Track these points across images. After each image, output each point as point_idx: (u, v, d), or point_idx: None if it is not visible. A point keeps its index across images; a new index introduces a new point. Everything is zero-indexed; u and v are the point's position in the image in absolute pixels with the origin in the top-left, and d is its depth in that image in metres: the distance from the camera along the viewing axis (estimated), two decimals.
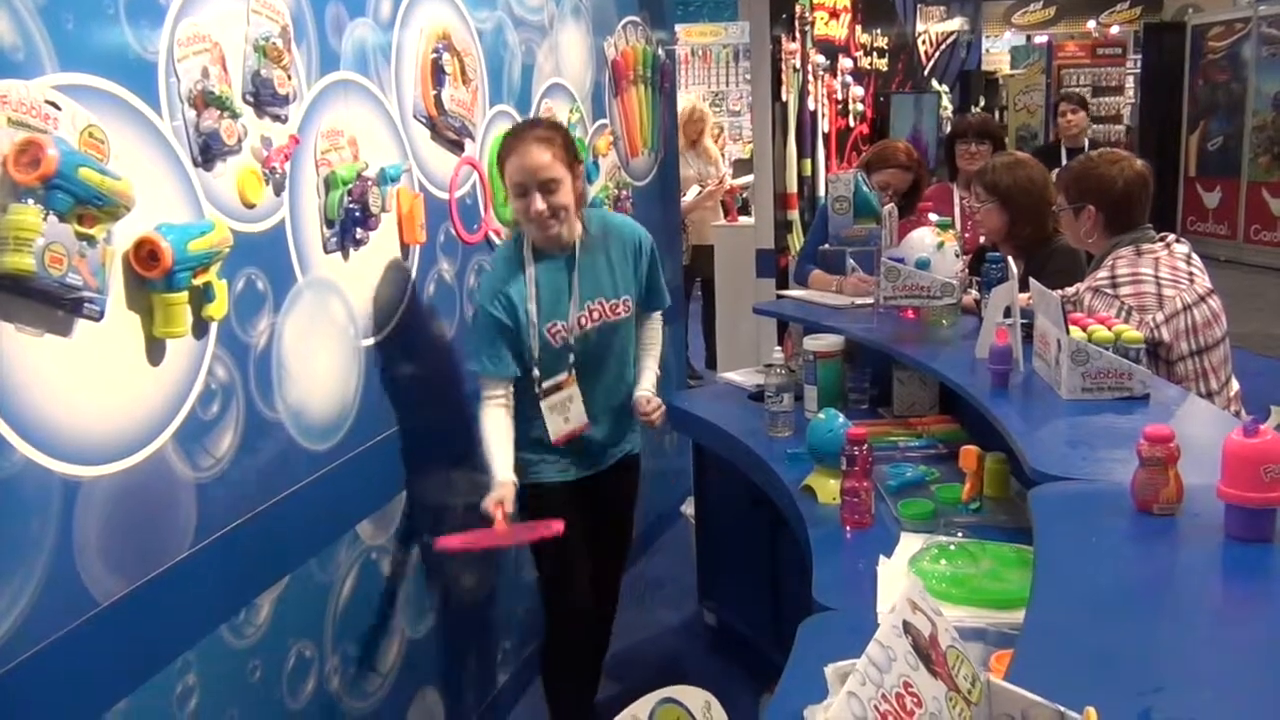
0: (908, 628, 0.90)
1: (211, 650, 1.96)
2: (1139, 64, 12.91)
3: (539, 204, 2.44)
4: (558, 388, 2.60)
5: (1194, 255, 2.67)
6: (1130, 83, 13.52)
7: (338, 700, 2.37)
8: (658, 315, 2.84)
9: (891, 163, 3.78)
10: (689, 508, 4.00)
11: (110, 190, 1.63)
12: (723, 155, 7.04)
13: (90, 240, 1.61)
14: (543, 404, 2.60)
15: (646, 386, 2.75)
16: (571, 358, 2.60)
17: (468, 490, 2.92)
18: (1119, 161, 2.75)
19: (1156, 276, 2.58)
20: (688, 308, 5.64)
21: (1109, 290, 2.60)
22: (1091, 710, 0.93)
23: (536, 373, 2.57)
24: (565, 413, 2.63)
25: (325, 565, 2.31)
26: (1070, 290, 2.67)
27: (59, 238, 1.55)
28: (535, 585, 3.33)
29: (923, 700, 0.87)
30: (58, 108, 1.59)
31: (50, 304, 1.59)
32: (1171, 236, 2.71)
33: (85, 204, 1.59)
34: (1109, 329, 2.27)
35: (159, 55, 1.82)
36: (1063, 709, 0.94)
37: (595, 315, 2.61)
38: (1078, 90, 10.60)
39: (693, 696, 0.89)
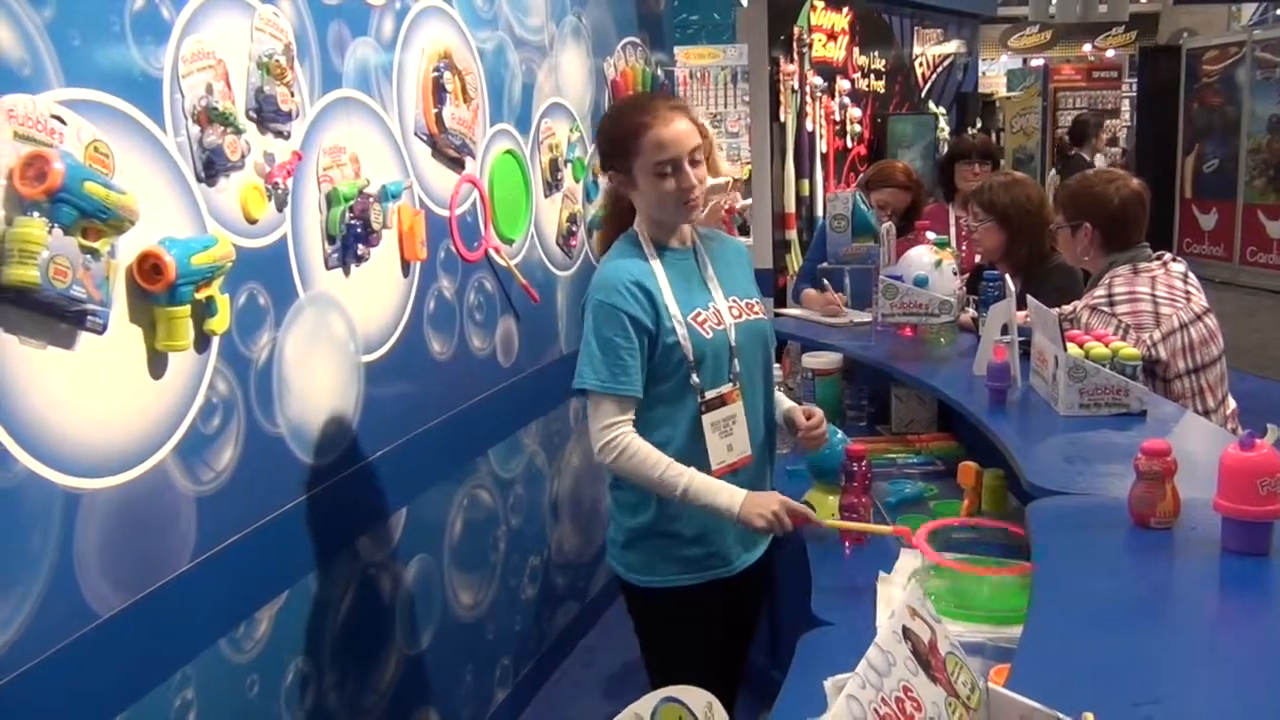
0: (907, 633, 0.91)
1: (210, 664, 1.96)
2: (1135, 87, 13.00)
3: (691, 177, 2.03)
4: (721, 401, 2.08)
5: (1190, 274, 2.69)
6: (1126, 106, 13.61)
7: (334, 716, 2.36)
8: None
9: (890, 182, 3.81)
10: None
11: (115, 204, 1.64)
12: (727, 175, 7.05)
13: (94, 253, 1.63)
14: (705, 419, 2.07)
15: (791, 403, 2.32)
16: (736, 363, 2.10)
17: (468, 506, 2.93)
18: (1115, 180, 2.77)
19: (1153, 295, 2.59)
20: None
21: (1106, 308, 2.61)
22: (1089, 716, 0.93)
23: (697, 379, 2.06)
24: (729, 435, 2.09)
25: (324, 580, 2.31)
26: (1068, 308, 2.68)
27: (63, 250, 1.56)
28: (533, 603, 3.34)
29: (922, 705, 0.87)
30: (63, 122, 1.61)
31: (54, 316, 1.61)
32: (1168, 255, 2.72)
33: (90, 217, 1.60)
34: (1106, 346, 2.29)
35: (164, 71, 1.84)
36: (1060, 715, 0.94)
37: (738, 313, 2.15)
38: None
39: (694, 696, 0.89)
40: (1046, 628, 1.39)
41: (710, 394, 2.07)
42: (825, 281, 3.52)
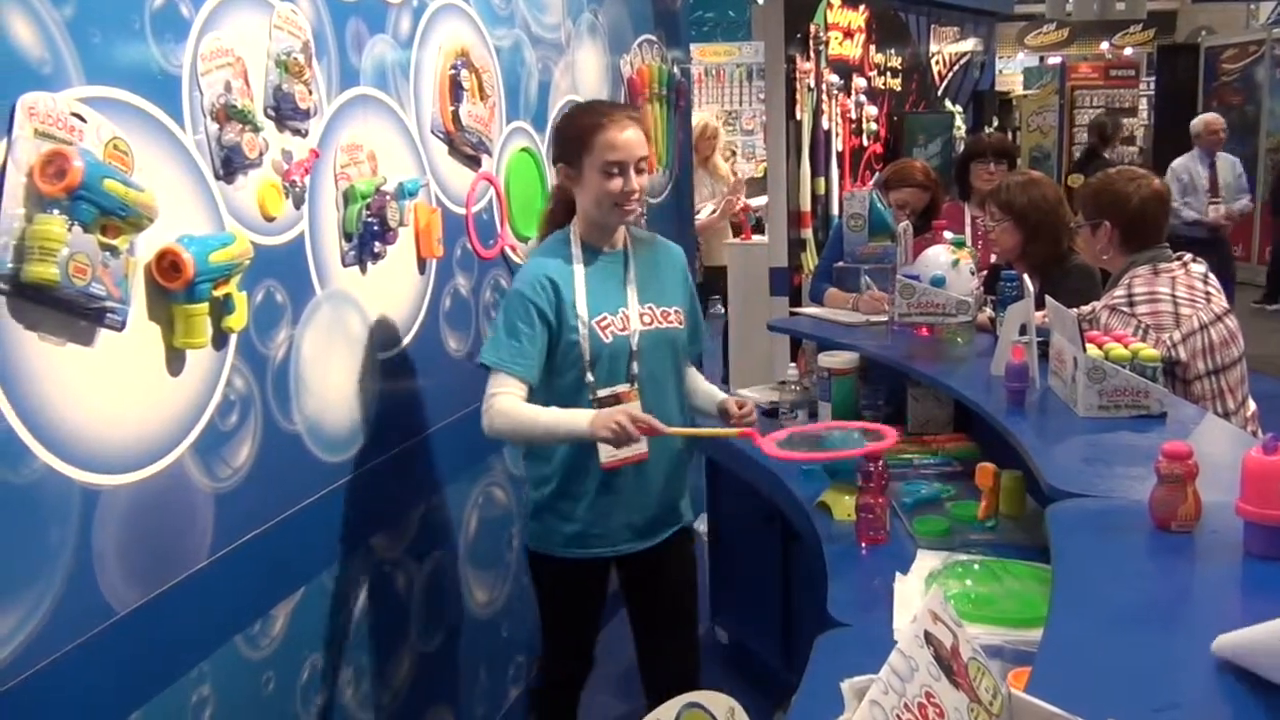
0: (929, 638, 0.90)
1: (226, 661, 1.97)
2: (1152, 85, 12.92)
3: (634, 183, 2.23)
4: (615, 399, 2.26)
5: (1210, 275, 2.67)
6: (1144, 104, 13.52)
7: (349, 713, 2.37)
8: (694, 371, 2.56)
9: (909, 181, 3.79)
10: (701, 525, 3.99)
11: (134, 202, 1.64)
12: (733, 173, 7.04)
13: (113, 251, 1.63)
14: None
15: (724, 395, 2.49)
16: (634, 366, 2.29)
17: (483, 504, 2.93)
18: (1136, 179, 2.76)
19: (1173, 295, 2.58)
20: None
21: (1126, 309, 2.60)
22: None
23: (590, 377, 2.26)
24: None
25: (340, 577, 2.31)
26: (1086, 308, 2.67)
27: (83, 248, 1.56)
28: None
29: (944, 711, 0.86)
30: (83, 120, 1.61)
31: (73, 314, 1.61)
32: (1188, 256, 2.71)
33: (109, 215, 1.60)
34: (1126, 347, 2.27)
35: (183, 69, 1.84)
36: None
37: (649, 320, 2.33)
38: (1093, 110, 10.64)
39: (717, 702, 0.89)
40: (1066, 631, 1.38)
41: (603, 393, 2.26)
42: (868, 280, 3.47)
